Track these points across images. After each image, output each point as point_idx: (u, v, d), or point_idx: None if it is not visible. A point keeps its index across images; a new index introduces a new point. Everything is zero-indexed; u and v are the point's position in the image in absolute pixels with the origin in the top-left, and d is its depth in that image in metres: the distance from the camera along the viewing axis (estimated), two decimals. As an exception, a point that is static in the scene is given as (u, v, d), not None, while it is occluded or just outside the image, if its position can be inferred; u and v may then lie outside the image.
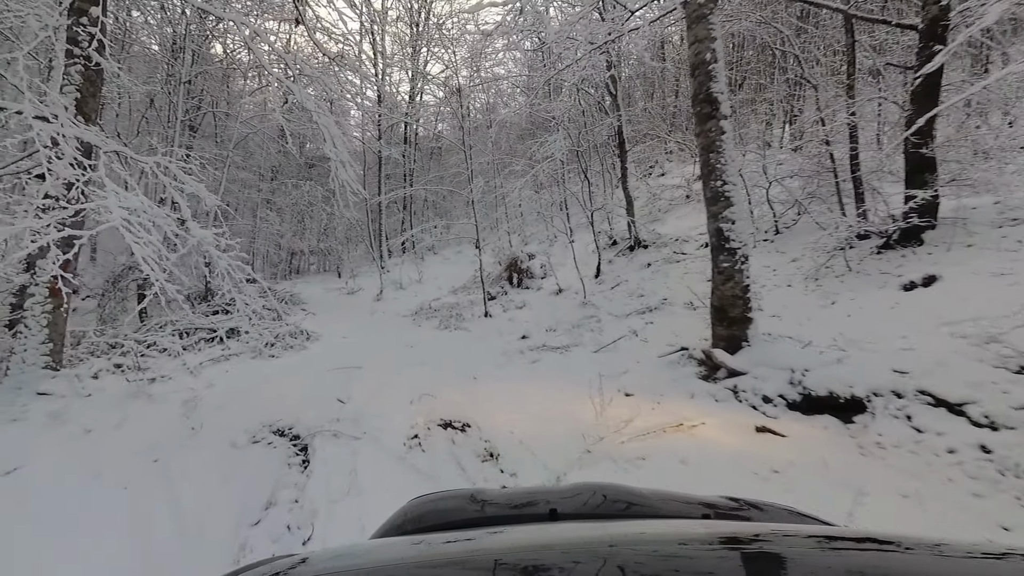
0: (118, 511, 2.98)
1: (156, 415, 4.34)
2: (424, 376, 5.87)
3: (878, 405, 3.57)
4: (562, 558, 0.71)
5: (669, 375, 4.98)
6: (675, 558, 0.67)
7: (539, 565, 0.69)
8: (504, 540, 0.90)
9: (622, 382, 5.09)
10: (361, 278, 15.57)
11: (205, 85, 13.59)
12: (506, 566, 0.69)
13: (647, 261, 11.18)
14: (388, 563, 0.78)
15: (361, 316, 11.78)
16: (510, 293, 13.00)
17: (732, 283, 4.55)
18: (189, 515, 2.98)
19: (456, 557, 0.79)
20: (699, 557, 0.68)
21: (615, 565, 0.63)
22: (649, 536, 0.88)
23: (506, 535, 0.96)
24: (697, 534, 0.85)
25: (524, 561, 0.71)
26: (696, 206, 13.08)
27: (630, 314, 8.96)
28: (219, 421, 4.30)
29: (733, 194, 4.52)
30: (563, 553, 0.74)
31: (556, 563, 0.69)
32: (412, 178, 18.82)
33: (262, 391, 5.03)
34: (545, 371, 6.01)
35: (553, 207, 14.46)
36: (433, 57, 18.55)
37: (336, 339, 8.09)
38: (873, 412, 3.56)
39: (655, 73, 16.92)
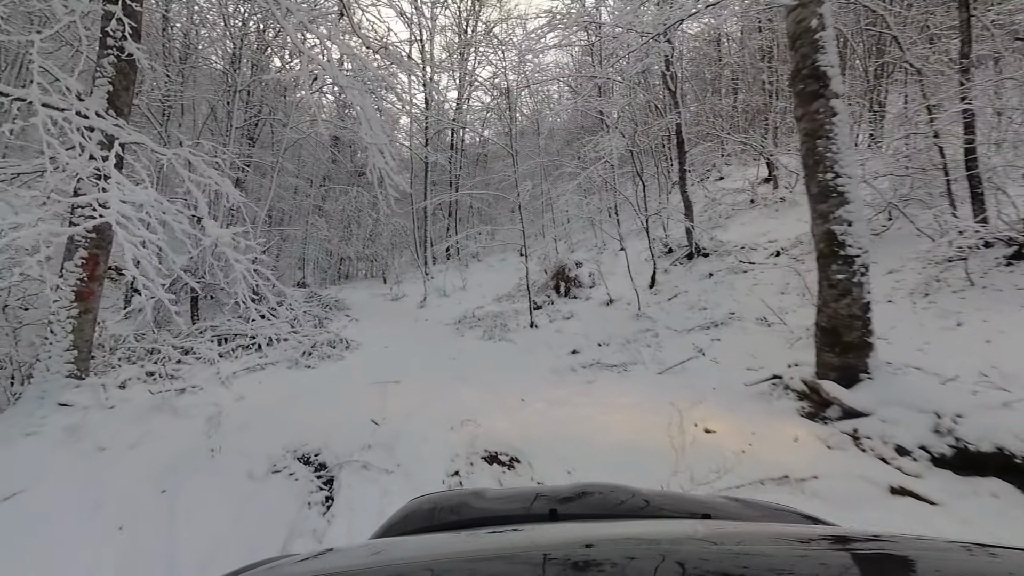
0: (107, 558, 2.47)
1: (177, 432, 3.91)
2: (466, 395, 5.23)
3: (1079, 471, 2.58)
4: (561, 558, 0.69)
5: (759, 409, 4.08)
6: (675, 558, 0.64)
7: (537, 565, 0.66)
8: (504, 540, 0.89)
9: (700, 414, 4.23)
10: (406, 284, 15.27)
11: (264, 97, 13.75)
12: (504, 566, 0.67)
13: (708, 271, 10.14)
14: (388, 563, 0.76)
15: (404, 323, 11.37)
16: (557, 302, 12.24)
17: (849, 299, 3.62)
18: (186, 568, 2.43)
19: (456, 557, 0.76)
20: (698, 557, 0.65)
21: (615, 565, 0.62)
22: (649, 536, 0.85)
23: (506, 535, 0.96)
24: (697, 534, 0.82)
25: (522, 561, 0.69)
26: (762, 212, 11.87)
27: (692, 329, 8.01)
28: (241, 442, 3.81)
29: (849, 189, 3.61)
30: (562, 553, 0.72)
31: (554, 563, 0.67)
32: (458, 184, 18.50)
33: (291, 408, 4.54)
34: (602, 393, 5.22)
35: (602, 212, 13.60)
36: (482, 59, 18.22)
37: (376, 348, 7.62)
38: (1071, 480, 2.58)
39: (712, 72, 15.79)
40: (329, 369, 6.06)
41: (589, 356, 7.48)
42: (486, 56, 16.28)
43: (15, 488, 3.00)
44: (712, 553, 0.68)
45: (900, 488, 2.90)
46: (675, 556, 0.65)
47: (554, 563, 0.67)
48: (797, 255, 9.11)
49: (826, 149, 3.66)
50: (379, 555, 0.84)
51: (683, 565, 0.61)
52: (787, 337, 6.41)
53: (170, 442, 3.75)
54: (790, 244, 9.55)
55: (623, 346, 8.07)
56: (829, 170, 3.66)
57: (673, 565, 0.61)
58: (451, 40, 19.39)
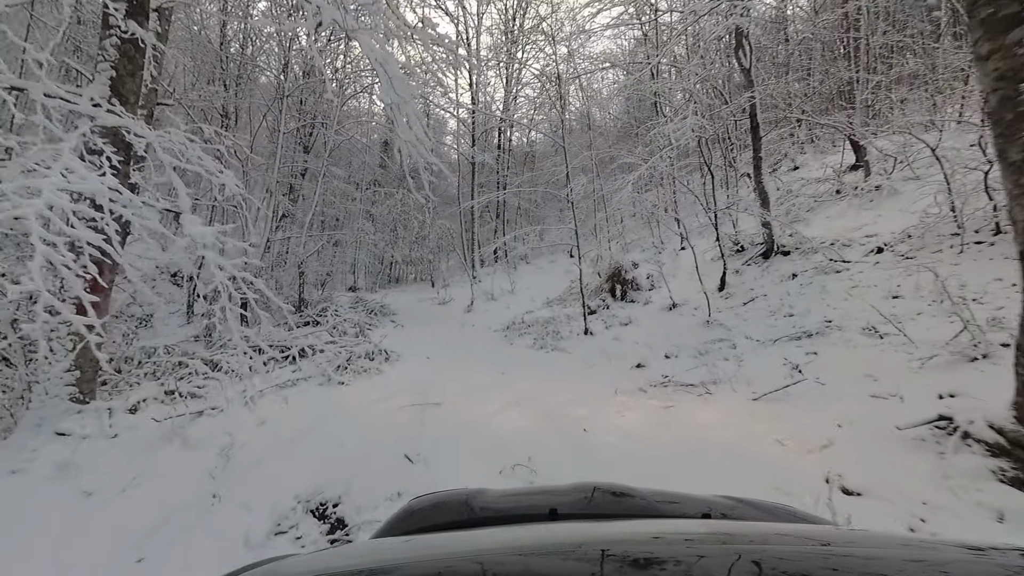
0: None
1: (180, 469, 3.27)
2: (519, 423, 4.34)
3: None
4: (561, 558, 0.69)
5: (924, 464, 2.90)
6: (675, 557, 0.63)
7: (537, 565, 0.66)
8: (504, 540, 0.87)
9: (827, 463, 3.10)
10: (453, 288, 14.64)
11: (316, 106, 13.58)
12: (505, 566, 0.66)
13: (791, 271, 8.72)
14: (388, 563, 0.75)
15: (450, 329, 10.67)
16: (613, 307, 11.14)
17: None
18: None
19: (456, 557, 0.74)
20: (698, 556, 0.63)
21: (615, 565, 0.62)
22: (649, 535, 0.83)
23: (506, 535, 0.94)
24: (697, 533, 0.81)
25: (523, 561, 0.69)
26: (851, 203, 10.18)
27: (778, 340, 6.73)
28: (249, 486, 3.11)
29: (1079, 153, 2.41)
30: (563, 553, 0.72)
31: (555, 563, 0.67)
32: (505, 184, 17.76)
33: (313, 437, 3.83)
34: (686, 425, 4.15)
35: (661, 209, 12.34)
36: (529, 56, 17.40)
37: (418, 360, 6.90)
38: None
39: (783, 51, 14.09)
40: (363, 386, 5.36)
41: (657, 371, 6.39)
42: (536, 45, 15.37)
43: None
44: (711, 552, 0.66)
45: None
46: (679, 556, 0.63)
47: (552, 563, 0.66)
48: (906, 251, 7.56)
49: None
50: (379, 555, 0.82)
51: (684, 564, 0.59)
52: (912, 353, 5.06)
53: (169, 483, 3.10)
54: (895, 239, 7.98)
55: (694, 358, 6.92)
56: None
57: (675, 565, 0.59)
58: (497, 39, 18.75)
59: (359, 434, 3.93)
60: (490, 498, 1.33)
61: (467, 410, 4.64)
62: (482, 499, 1.32)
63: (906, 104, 10.19)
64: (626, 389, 5.47)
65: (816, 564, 0.59)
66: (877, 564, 0.59)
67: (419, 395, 4.96)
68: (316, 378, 5.34)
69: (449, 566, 0.66)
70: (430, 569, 0.67)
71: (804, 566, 0.58)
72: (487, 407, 4.74)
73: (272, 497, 2.96)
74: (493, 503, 1.30)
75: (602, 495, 1.32)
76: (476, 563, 0.66)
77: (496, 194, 15.37)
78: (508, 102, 18.65)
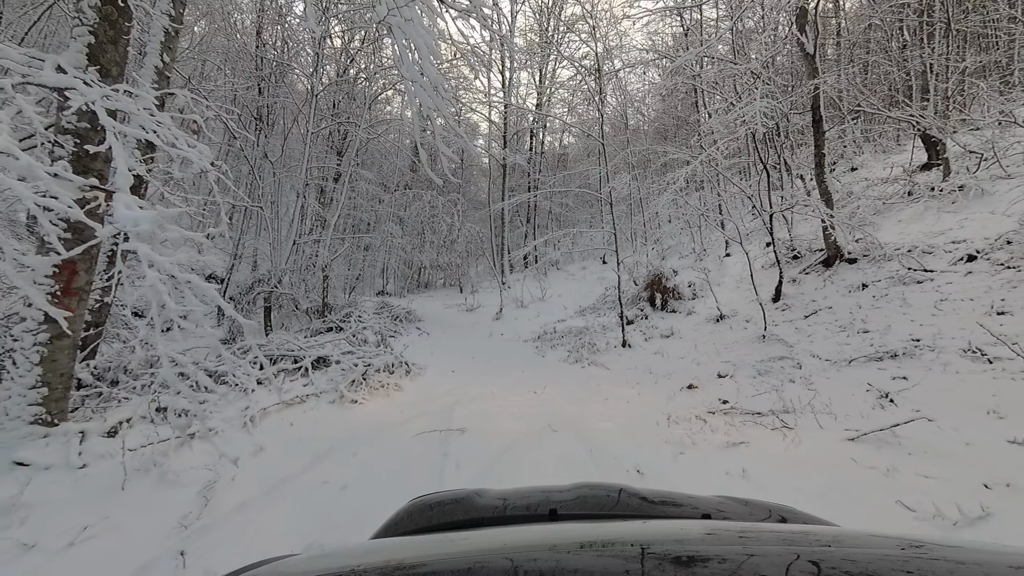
0: None
1: (149, 514, 2.65)
2: (556, 456, 3.57)
3: None
4: (561, 558, 0.68)
5: None
6: (674, 558, 0.63)
7: (538, 565, 0.65)
8: (503, 540, 0.85)
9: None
10: (482, 294, 13.98)
11: (348, 110, 13.25)
12: (504, 566, 0.64)
13: (860, 281, 7.65)
14: (388, 563, 0.71)
15: (478, 339, 9.97)
16: (652, 317, 10.21)
17: None
18: None
19: (455, 557, 0.73)
20: (697, 556, 0.63)
21: (615, 565, 0.61)
22: (649, 535, 0.83)
23: (505, 535, 0.93)
24: (697, 534, 0.80)
25: (523, 561, 0.66)
26: (929, 205, 8.91)
27: (854, 360, 5.75)
28: (226, 544, 2.45)
29: None
30: (562, 553, 0.71)
31: (555, 563, 0.65)
32: (537, 187, 17.04)
33: (312, 475, 3.16)
34: (762, 473, 3.28)
35: (706, 212, 11.32)
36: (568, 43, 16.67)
37: (442, 373, 6.21)
38: None
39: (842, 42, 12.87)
40: (379, 406, 4.68)
41: (713, 394, 5.48)
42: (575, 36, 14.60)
43: None
44: (711, 552, 0.65)
45: None
46: (678, 556, 0.62)
47: (552, 563, 0.64)
48: (1006, 260, 6.40)
49: None
50: (379, 555, 0.79)
51: (684, 564, 0.59)
52: (1047, 382, 4.04)
53: (129, 535, 2.48)
54: (989, 246, 6.82)
55: (755, 379, 5.98)
56: None
57: (675, 565, 0.59)
58: (531, 40, 18.17)
59: (366, 472, 3.24)
60: (490, 498, 1.30)
61: (496, 438, 3.88)
62: (482, 499, 1.29)
63: (990, 96, 8.88)
64: (680, 416, 4.60)
65: (813, 564, 0.57)
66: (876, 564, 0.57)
67: (441, 419, 4.25)
68: (328, 394, 4.70)
69: (446, 568, 0.64)
70: (460, 565, 0.65)
71: (875, 567, 0.56)
72: (518, 435, 3.97)
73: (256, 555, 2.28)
74: (493, 503, 1.27)
75: (601, 495, 1.29)
76: (472, 565, 0.64)
77: (528, 195, 14.63)
78: (542, 103, 17.99)
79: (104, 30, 2.99)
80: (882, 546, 0.67)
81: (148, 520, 2.60)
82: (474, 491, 1.39)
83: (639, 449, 3.77)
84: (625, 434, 4.13)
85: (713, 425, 4.31)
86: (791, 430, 3.95)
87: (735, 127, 6.04)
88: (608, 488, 1.34)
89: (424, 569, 0.66)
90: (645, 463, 3.47)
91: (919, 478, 2.93)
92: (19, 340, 2.92)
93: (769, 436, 3.91)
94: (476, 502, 1.28)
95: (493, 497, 1.32)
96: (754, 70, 6.02)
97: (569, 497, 1.26)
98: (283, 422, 4.04)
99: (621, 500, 1.27)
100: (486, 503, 1.27)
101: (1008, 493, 2.64)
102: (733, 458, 3.53)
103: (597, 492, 1.32)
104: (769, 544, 0.71)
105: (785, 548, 0.68)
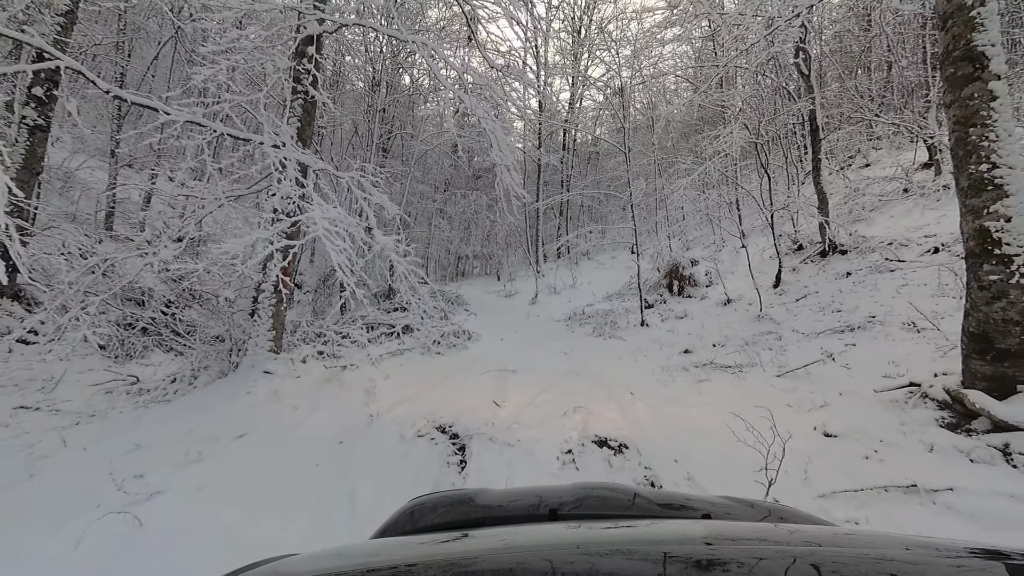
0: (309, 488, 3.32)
1: (344, 401, 4.89)
2: (578, 387, 5.61)
3: None
4: (561, 558, 0.70)
5: (891, 417, 3.84)
6: (674, 558, 0.66)
7: (537, 565, 0.67)
8: (503, 540, 0.88)
9: (819, 417, 4.11)
10: (518, 281, 16.09)
11: (396, 112, 15.49)
12: (504, 566, 0.67)
13: (846, 270, 9.25)
14: (388, 563, 0.77)
15: (517, 319, 12.09)
16: (669, 302, 12.03)
17: (1004, 303, 3.28)
18: (363, 503, 3.17)
19: (455, 557, 0.77)
20: (697, 557, 0.67)
21: (615, 566, 0.62)
22: (649, 536, 0.86)
23: (505, 535, 0.95)
24: (697, 534, 0.83)
25: (522, 561, 0.70)
26: (917, 202, 10.38)
27: (822, 333, 7.46)
28: (391, 411, 4.65)
29: (1009, 181, 3.26)
30: (562, 553, 0.73)
31: (555, 563, 0.67)
32: (569, 184, 18.86)
33: (427, 387, 5.35)
34: (714, 393, 5.23)
35: (722, 208, 12.95)
36: (595, 60, 18.38)
37: (493, 341, 8.35)
38: None
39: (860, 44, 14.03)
40: (455, 357, 6.88)
41: (703, 356, 7.37)
42: (599, 56, 16.36)
43: (244, 431, 4.09)
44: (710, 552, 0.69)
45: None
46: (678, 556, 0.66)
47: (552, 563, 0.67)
48: (962, 252, 7.90)
49: (981, 138, 3.33)
50: (379, 555, 0.85)
51: (684, 565, 0.63)
52: (939, 345, 5.73)
53: (340, 407, 4.72)
54: (953, 239, 8.30)
55: (741, 348, 7.78)
56: (984, 160, 3.32)
57: (675, 565, 0.62)
58: (564, 42, 19.81)
59: (458, 387, 5.41)
60: (490, 498, 1.36)
61: (538, 376, 5.98)
62: (482, 499, 1.35)
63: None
64: (671, 367, 6.56)
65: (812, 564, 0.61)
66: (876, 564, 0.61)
67: (498, 364, 6.37)
68: (417, 349, 6.93)
69: (446, 568, 0.68)
70: (428, 570, 0.69)
71: None
72: (553, 375, 6.06)
73: (409, 417, 4.47)
74: (493, 503, 1.33)
75: (601, 496, 1.35)
76: (472, 564, 0.69)
77: (560, 196, 16.56)
78: (574, 101, 19.73)
79: (304, 118, 5.20)
80: (881, 545, 0.70)
81: (346, 402, 4.83)
82: (474, 491, 1.45)
83: (636, 383, 5.77)
84: (628, 376, 6.13)
85: (692, 372, 6.25)
86: (743, 373, 5.85)
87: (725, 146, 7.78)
88: (608, 488, 1.38)
89: (424, 569, 0.70)
90: (637, 388, 5.48)
91: (805, 392, 4.81)
92: (260, 304, 5.21)
93: (728, 378, 5.83)
94: (476, 502, 1.34)
95: (493, 497, 1.38)
96: (736, 105, 7.75)
97: (569, 498, 1.30)
98: (395, 364, 6.28)
99: (621, 501, 1.31)
100: (486, 503, 1.33)
101: (848, 396, 4.50)
102: (699, 388, 5.49)
103: (597, 493, 1.36)
104: (770, 544, 0.74)
105: (786, 548, 0.70)
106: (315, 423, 4.35)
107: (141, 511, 2.81)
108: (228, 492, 3.17)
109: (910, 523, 2.79)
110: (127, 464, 3.48)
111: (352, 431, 4.22)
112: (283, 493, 3.25)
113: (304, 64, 4.91)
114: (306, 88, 5.02)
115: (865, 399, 4.31)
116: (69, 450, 3.81)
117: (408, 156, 15.60)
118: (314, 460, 3.70)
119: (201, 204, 5.05)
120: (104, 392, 5.99)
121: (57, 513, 2.87)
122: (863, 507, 3.00)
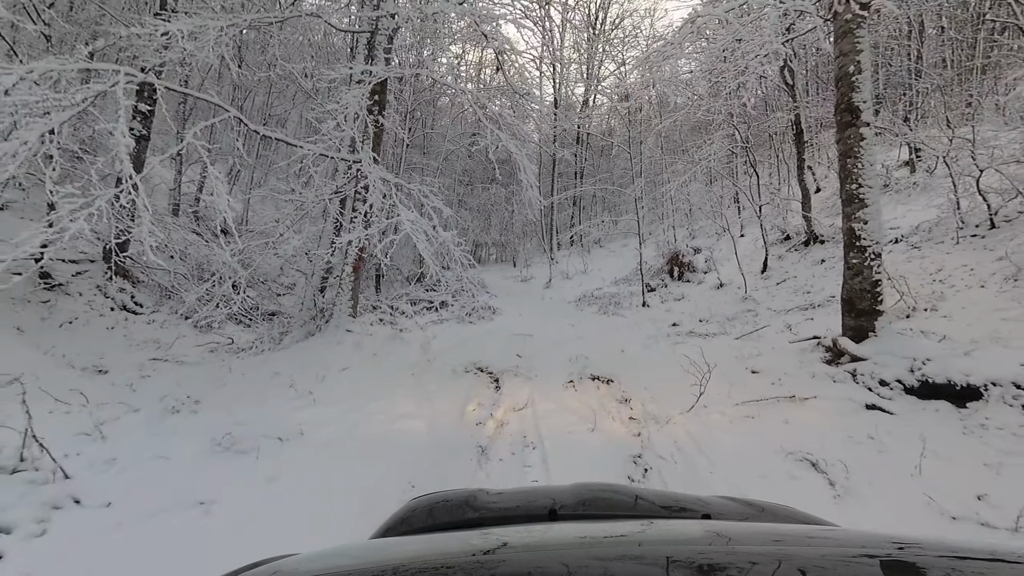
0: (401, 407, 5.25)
1: (407, 350, 6.83)
2: (581, 346, 7.47)
3: (994, 394, 3.89)
4: (561, 558, 0.74)
5: (797, 359, 5.63)
6: (674, 558, 0.69)
7: (537, 565, 0.72)
8: (503, 540, 0.91)
9: (752, 363, 5.91)
10: (533, 268, 17.94)
11: (417, 107, 17.27)
12: (504, 566, 0.72)
13: (821, 257, 10.91)
14: (388, 563, 0.80)
15: (533, 300, 13.97)
16: (670, 286, 13.77)
17: (860, 278, 5.04)
18: (438, 407, 5.09)
19: (455, 557, 0.80)
20: (697, 557, 0.70)
21: (615, 566, 0.65)
22: (649, 536, 0.91)
23: (505, 535, 0.99)
24: (696, 534, 0.88)
25: (522, 561, 0.74)
26: (893, 197, 11.91)
27: (791, 310, 9.17)
28: (444, 358, 6.58)
29: (868, 197, 4.98)
30: (562, 553, 0.78)
31: (554, 563, 0.71)
32: (582, 176, 20.51)
33: (465, 344, 7.27)
34: (685, 351, 7.04)
35: (722, 201, 14.59)
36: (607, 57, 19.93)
37: (513, 316, 10.25)
38: (987, 399, 3.91)
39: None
40: (484, 326, 8.81)
41: (686, 328, 9.17)
42: (610, 54, 17.90)
43: (346, 365, 6.05)
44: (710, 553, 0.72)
45: (873, 405, 4.42)
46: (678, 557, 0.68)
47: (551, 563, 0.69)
48: (915, 242, 9.51)
49: (853, 166, 5.03)
50: (379, 555, 0.88)
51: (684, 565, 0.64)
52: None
53: (406, 354, 6.67)
54: (910, 231, 9.91)
55: (721, 322, 9.55)
56: (855, 182, 5.03)
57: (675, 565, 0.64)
58: (579, 38, 21.30)
59: (489, 344, 7.32)
60: (490, 498, 1.41)
61: (550, 339, 7.86)
62: (482, 499, 1.40)
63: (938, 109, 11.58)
64: (656, 336, 8.38)
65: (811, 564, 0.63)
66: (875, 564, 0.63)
67: (519, 331, 8.26)
68: (454, 320, 8.87)
69: (446, 568, 0.69)
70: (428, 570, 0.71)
71: None
72: (562, 339, 7.93)
73: (457, 361, 6.40)
74: (493, 503, 1.38)
75: (602, 496, 1.40)
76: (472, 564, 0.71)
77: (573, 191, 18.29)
78: (588, 95, 21.30)
79: (375, 140, 7.07)
80: (880, 545, 0.71)
81: (408, 351, 6.77)
82: (473, 491, 1.51)
83: (626, 345, 7.60)
84: (622, 340, 7.97)
85: (672, 339, 8.07)
86: (712, 338, 7.65)
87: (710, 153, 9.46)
88: (608, 489, 1.44)
89: (424, 569, 0.72)
90: (627, 349, 7.32)
91: (750, 347, 6.60)
92: (343, 280, 7.15)
93: (698, 341, 7.63)
94: (476, 502, 1.38)
95: (492, 497, 1.43)
96: (720, 120, 9.40)
97: (569, 498, 1.34)
98: (439, 329, 8.21)
99: (621, 501, 1.37)
100: (486, 503, 1.37)
101: (778, 348, 6.27)
102: (672, 348, 7.31)
103: (597, 493, 1.41)
104: (770, 545, 0.76)
105: (785, 549, 0.72)
106: (392, 363, 6.30)
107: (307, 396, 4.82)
108: (352, 390, 5.15)
109: (788, 412, 4.58)
110: (278, 381, 5.47)
111: (418, 367, 6.17)
112: (386, 391, 5.23)
113: (376, 100, 6.77)
114: (376, 118, 6.88)
115: (786, 349, 6.10)
116: (234, 374, 5.83)
117: (429, 149, 17.42)
118: (398, 381, 5.65)
119: (300, 204, 6.98)
120: (209, 350, 8.08)
121: (258, 395, 4.89)
122: (761, 409, 4.81)
